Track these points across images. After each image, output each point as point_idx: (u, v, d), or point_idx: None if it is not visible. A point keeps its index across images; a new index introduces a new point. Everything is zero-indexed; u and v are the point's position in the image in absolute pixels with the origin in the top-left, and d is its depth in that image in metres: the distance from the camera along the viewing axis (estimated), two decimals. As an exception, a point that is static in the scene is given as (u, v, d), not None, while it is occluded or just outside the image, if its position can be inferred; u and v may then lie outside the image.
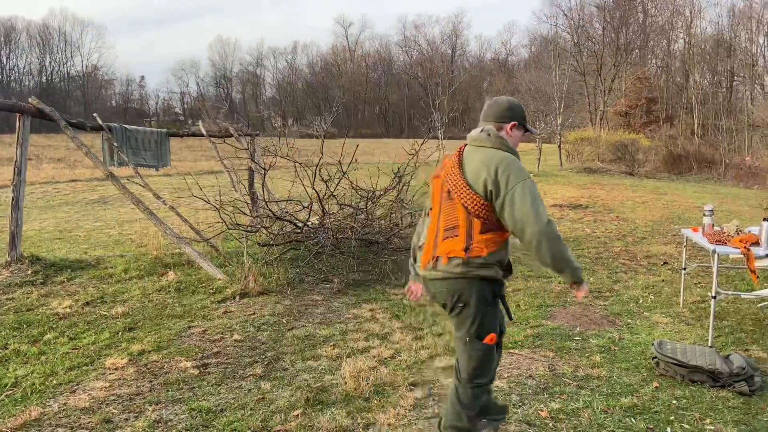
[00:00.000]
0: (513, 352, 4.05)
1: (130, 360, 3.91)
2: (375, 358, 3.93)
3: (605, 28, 38.11)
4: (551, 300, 5.39)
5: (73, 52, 66.20)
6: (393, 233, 6.75)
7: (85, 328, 4.60)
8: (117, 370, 3.75)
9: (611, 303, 5.34)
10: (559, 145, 27.18)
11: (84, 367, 3.80)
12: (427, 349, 4.08)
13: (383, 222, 6.92)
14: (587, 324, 4.71)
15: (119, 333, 4.47)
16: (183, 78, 79.15)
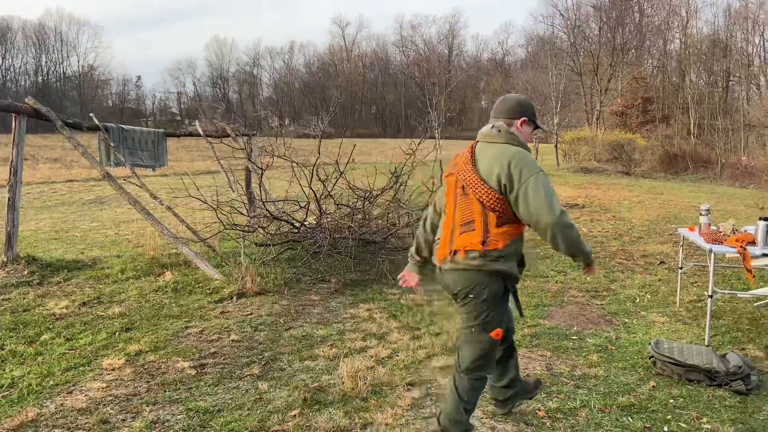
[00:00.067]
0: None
1: (127, 360, 3.90)
2: (372, 357, 3.93)
3: (602, 28, 38.18)
4: (548, 299, 5.40)
5: (70, 51, 66.15)
6: (390, 233, 6.75)
7: (82, 328, 4.59)
8: (114, 370, 3.74)
9: (608, 302, 5.35)
10: (556, 145, 27.26)
11: (81, 368, 3.79)
12: (425, 349, 4.08)
13: (380, 222, 6.92)
14: (584, 323, 4.72)
15: (116, 333, 4.46)
16: (180, 78, 79.00)
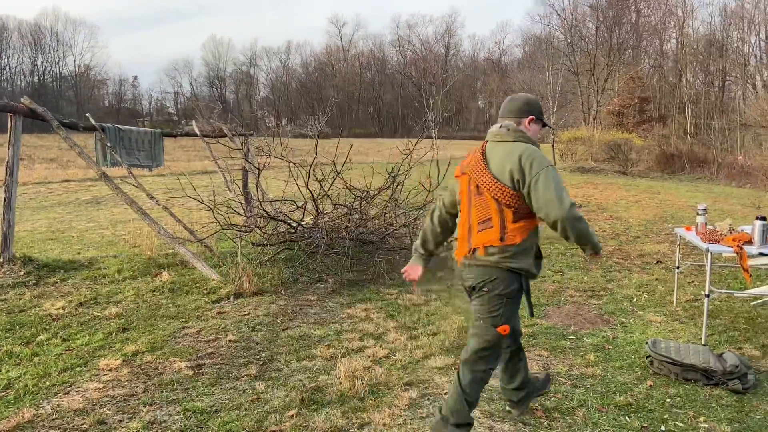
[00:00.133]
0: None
1: (123, 361, 3.89)
2: (370, 357, 3.93)
3: (598, 27, 38.22)
4: (545, 299, 5.41)
5: (66, 51, 65.87)
6: (387, 233, 6.74)
7: (79, 329, 4.57)
8: (111, 371, 3.73)
9: (605, 302, 5.36)
10: (553, 145, 27.27)
11: (77, 369, 3.78)
12: (422, 349, 4.08)
13: (377, 222, 6.92)
14: (581, 323, 4.73)
15: (113, 334, 4.45)
16: (176, 78, 78.82)
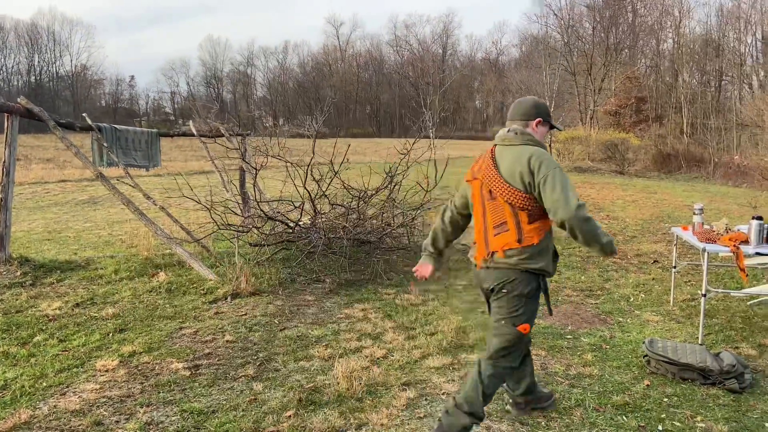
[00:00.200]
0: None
1: (120, 362, 3.88)
2: (367, 358, 3.93)
3: (595, 27, 38.23)
4: (543, 299, 5.40)
5: (62, 51, 65.73)
6: (385, 233, 6.74)
7: (75, 329, 4.56)
8: (108, 372, 3.72)
9: (602, 301, 5.36)
10: (550, 144, 27.25)
11: (74, 369, 3.77)
12: (420, 349, 4.08)
13: (375, 222, 6.92)
14: (579, 323, 4.74)
15: (110, 334, 4.44)
16: (173, 78, 78.78)
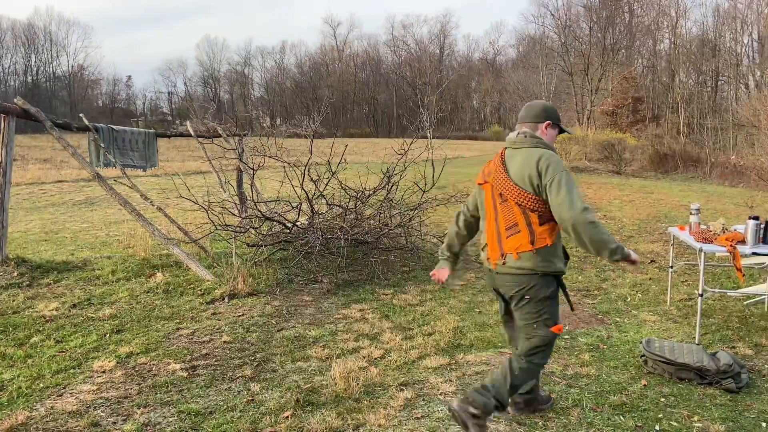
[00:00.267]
0: (503, 351, 4.07)
1: (117, 362, 3.87)
2: (365, 358, 3.93)
3: (592, 28, 38.33)
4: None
5: (59, 51, 65.42)
6: (382, 233, 6.75)
7: (72, 330, 4.55)
8: (105, 372, 3.72)
9: (599, 301, 5.37)
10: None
11: (71, 370, 3.77)
12: (417, 349, 4.08)
13: (372, 222, 6.92)
14: (576, 322, 4.74)
15: (107, 335, 4.43)
16: (170, 78, 78.85)
